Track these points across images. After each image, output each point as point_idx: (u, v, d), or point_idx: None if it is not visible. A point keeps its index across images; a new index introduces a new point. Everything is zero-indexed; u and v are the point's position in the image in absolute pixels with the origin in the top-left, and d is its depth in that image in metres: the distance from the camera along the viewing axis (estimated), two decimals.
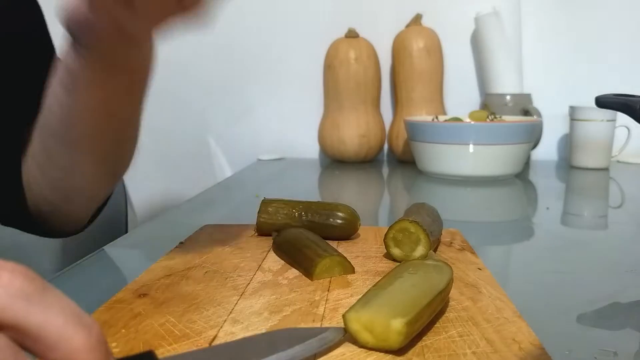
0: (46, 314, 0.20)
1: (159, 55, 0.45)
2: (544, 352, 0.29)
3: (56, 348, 0.20)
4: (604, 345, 0.33)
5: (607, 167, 1.09)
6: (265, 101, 1.29)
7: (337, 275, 0.41)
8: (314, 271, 0.40)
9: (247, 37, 1.27)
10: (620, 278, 0.46)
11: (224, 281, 0.40)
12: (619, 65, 1.21)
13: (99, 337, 0.21)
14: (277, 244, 0.47)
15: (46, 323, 0.19)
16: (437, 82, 1.15)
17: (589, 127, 1.07)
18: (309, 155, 1.28)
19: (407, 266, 0.36)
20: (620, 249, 0.57)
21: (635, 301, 0.42)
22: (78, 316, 0.20)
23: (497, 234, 0.65)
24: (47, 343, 0.20)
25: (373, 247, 0.49)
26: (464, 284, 0.39)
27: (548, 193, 0.96)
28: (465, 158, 0.91)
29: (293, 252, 0.44)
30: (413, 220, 0.43)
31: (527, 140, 0.94)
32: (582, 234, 0.67)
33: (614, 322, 0.37)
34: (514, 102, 1.11)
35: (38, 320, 0.19)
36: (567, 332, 0.36)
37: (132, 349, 0.29)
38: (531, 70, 1.20)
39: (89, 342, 0.20)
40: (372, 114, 1.17)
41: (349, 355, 0.29)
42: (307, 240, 0.44)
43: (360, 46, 1.15)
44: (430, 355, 0.28)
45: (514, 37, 1.17)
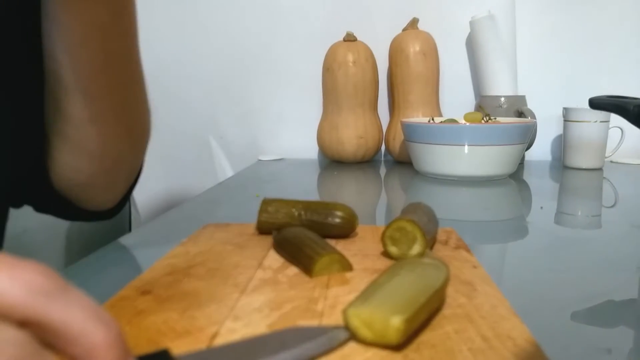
0: (67, 310, 0.20)
1: (161, 57, 0.45)
2: (538, 349, 0.29)
3: (77, 343, 0.20)
4: (597, 342, 0.34)
5: (601, 167, 1.10)
6: (266, 103, 1.30)
7: (335, 272, 0.41)
8: (313, 268, 0.40)
9: (248, 40, 1.28)
10: (613, 276, 0.47)
11: (225, 279, 0.40)
12: (612, 67, 1.22)
13: (118, 334, 0.21)
14: (277, 243, 0.48)
15: (67, 319, 0.20)
16: (433, 84, 1.16)
17: (582, 128, 1.08)
18: (308, 156, 1.29)
19: (404, 264, 0.37)
20: (614, 248, 0.58)
21: (628, 299, 0.43)
22: (98, 313, 0.21)
23: (491, 233, 0.66)
24: (68, 338, 0.20)
25: (371, 245, 0.49)
26: (460, 281, 0.40)
27: (542, 193, 0.97)
28: (461, 158, 0.92)
29: (293, 250, 0.44)
30: (410, 219, 0.44)
31: (521, 141, 0.95)
32: (576, 233, 0.68)
33: (607, 320, 0.38)
34: (508, 103, 1.12)
35: (59, 316, 0.20)
36: (562, 329, 0.36)
37: (137, 345, 0.29)
38: (525, 72, 1.21)
39: (108, 338, 0.21)
40: (369, 116, 1.18)
41: (348, 350, 0.29)
42: (306, 239, 0.45)
43: (358, 49, 1.16)
44: (427, 351, 0.29)
45: (509, 40, 1.18)
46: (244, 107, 1.30)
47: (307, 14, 1.26)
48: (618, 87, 0.99)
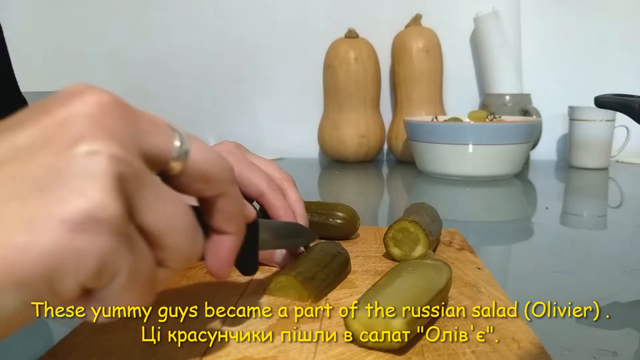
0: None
1: (160, 54, 0.44)
2: (543, 351, 0.29)
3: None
4: (603, 344, 0.33)
5: (607, 167, 1.09)
6: (266, 101, 1.29)
7: (291, 297, 0.36)
8: (268, 285, 0.37)
9: (247, 37, 1.27)
10: (619, 278, 0.47)
11: (224, 281, 0.40)
12: (618, 66, 1.21)
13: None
14: None
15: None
16: (436, 82, 1.16)
17: (588, 127, 1.07)
18: (309, 155, 1.29)
19: (406, 266, 0.36)
20: (619, 249, 0.57)
21: (634, 301, 0.42)
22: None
23: (496, 234, 0.65)
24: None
25: (372, 246, 0.49)
26: (463, 283, 0.39)
27: (547, 193, 0.96)
28: (465, 158, 0.91)
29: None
30: (412, 220, 0.43)
31: (527, 140, 0.94)
32: (581, 233, 0.67)
33: (613, 322, 0.37)
34: (513, 102, 1.11)
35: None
36: (567, 331, 0.36)
37: (136, 347, 0.29)
38: (530, 70, 1.20)
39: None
40: (371, 114, 1.17)
41: (349, 354, 0.29)
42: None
43: (360, 46, 1.15)
44: (430, 354, 0.29)
45: (514, 38, 1.18)
46: (244, 105, 1.30)
47: (308, 10, 1.26)
48: (624, 85, 0.98)
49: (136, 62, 1.29)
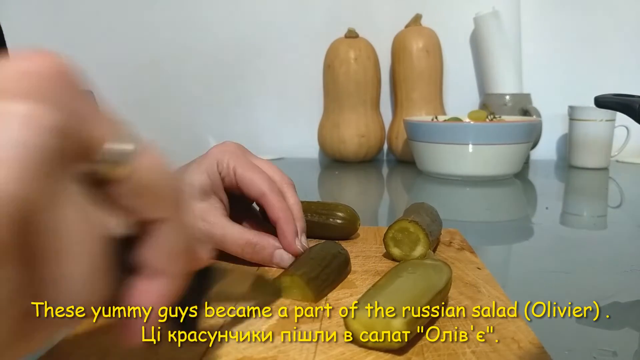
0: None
1: (159, 54, 0.44)
2: (543, 351, 0.29)
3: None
4: (603, 344, 0.33)
5: (607, 166, 1.09)
6: (265, 101, 1.29)
7: (295, 298, 0.36)
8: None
9: (247, 36, 1.27)
10: (619, 278, 0.47)
11: None
12: (618, 65, 1.21)
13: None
14: None
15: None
16: (436, 82, 1.16)
17: (588, 127, 1.07)
18: (309, 155, 1.29)
19: (406, 266, 0.36)
20: (619, 249, 0.57)
21: (634, 301, 0.42)
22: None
23: (496, 234, 0.65)
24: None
25: (373, 246, 0.49)
26: (463, 283, 0.39)
27: (547, 193, 0.96)
28: (465, 158, 0.91)
29: None
30: (412, 220, 0.43)
31: (526, 140, 0.94)
32: (581, 233, 0.67)
33: (613, 322, 0.37)
34: (513, 102, 1.11)
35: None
36: (567, 331, 0.36)
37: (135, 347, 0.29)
38: (530, 70, 1.20)
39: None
40: (371, 114, 1.17)
41: (349, 354, 0.29)
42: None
43: (360, 46, 1.15)
44: (430, 354, 0.29)
45: (514, 37, 1.17)
46: (244, 105, 1.30)
47: (308, 10, 1.25)
48: (624, 85, 0.98)
49: (136, 62, 1.29)
